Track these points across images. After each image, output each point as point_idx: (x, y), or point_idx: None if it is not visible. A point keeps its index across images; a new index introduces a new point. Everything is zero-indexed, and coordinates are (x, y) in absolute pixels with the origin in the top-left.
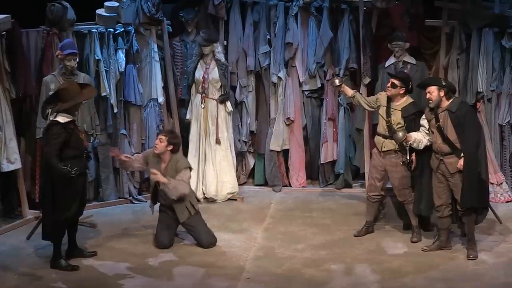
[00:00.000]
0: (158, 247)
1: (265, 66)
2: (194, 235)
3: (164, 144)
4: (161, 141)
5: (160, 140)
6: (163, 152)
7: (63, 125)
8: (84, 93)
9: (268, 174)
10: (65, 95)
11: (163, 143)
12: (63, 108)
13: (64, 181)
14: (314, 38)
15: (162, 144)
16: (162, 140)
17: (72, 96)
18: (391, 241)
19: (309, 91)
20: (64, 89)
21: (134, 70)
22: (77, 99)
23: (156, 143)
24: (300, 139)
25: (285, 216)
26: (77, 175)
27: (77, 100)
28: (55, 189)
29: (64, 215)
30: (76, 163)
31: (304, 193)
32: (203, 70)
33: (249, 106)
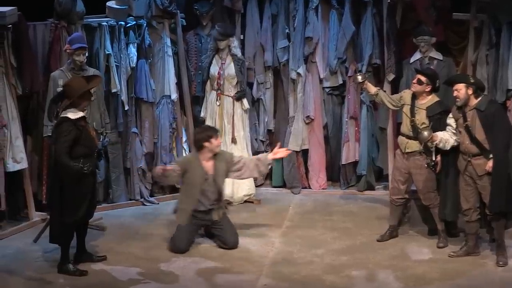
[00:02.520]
0: (174, 251)
1: (284, 61)
2: (220, 234)
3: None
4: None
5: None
6: None
7: (73, 121)
8: (90, 84)
9: (287, 175)
10: (70, 91)
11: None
12: (70, 103)
13: (73, 181)
14: (336, 32)
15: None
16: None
17: (78, 89)
18: (416, 246)
19: (330, 88)
20: (68, 85)
21: (146, 65)
22: (84, 89)
23: (218, 145)
24: (320, 138)
25: (304, 220)
26: (87, 175)
27: (84, 89)
28: (63, 190)
29: (73, 217)
30: (86, 162)
31: (324, 195)
32: (219, 65)
33: (267, 103)
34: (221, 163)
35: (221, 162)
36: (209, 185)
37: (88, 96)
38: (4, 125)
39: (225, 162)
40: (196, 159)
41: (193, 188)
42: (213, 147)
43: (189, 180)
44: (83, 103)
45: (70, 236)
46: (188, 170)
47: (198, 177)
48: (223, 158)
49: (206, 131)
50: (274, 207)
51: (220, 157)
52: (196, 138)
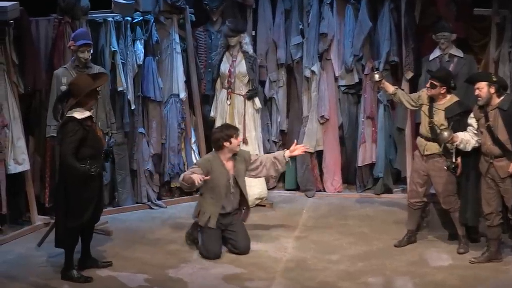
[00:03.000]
0: (208, 258)
1: (297, 59)
2: (232, 238)
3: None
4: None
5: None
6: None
7: (79, 121)
8: (96, 82)
9: (300, 177)
10: (76, 90)
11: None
12: (75, 102)
13: (80, 183)
14: (352, 29)
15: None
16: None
17: (84, 87)
18: (435, 252)
19: (345, 87)
20: (74, 83)
21: (154, 62)
22: (90, 87)
23: (239, 144)
24: (335, 139)
25: (318, 224)
26: (94, 177)
27: (91, 87)
28: (68, 192)
29: (78, 221)
30: (93, 163)
31: (340, 198)
32: (229, 63)
33: (280, 102)
34: (240, 163)
35: (240, 162)
36: (231, 186)
37: (95, 95)
38: (6, 125)
39: (244, 162)
40: (217, 158)
41: (218, 189)
42: (233, 146)
43: (213, 181)
44: (90, 102)
45: (74, 240)
46: (210, 171)
47: (222, 177)
48: (242, 158)
49: (226, 130)
50: (287, 210)
51: (239, 156)
52: (215, 138)
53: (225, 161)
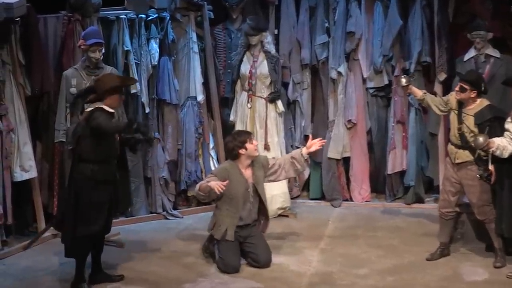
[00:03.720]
0: (228, 272)
1: (323, 59)
2: (252, 251)
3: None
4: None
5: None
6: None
7: (106, 112)
8: (122, 81)
9: (326, 186)
10: (99, 85)
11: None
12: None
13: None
14: (381, 27)
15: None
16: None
17: (108, 83)
18: (470, 266)
19: (374, 89)
20: (99, 79)
21: (169, 63)
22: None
23: (256, 146)
24: (363, 145)
25: (345, 236)
26: (105, 183)
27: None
28: (78, 197)
29: (88, 230)
30: (104, 168)
31: (368, 208)
32: (250, 63)
33: (304, 106)
34: (259, 170)
35: (259, 168)
36: (250, 195)
37: (117, 94)
38: (11, 129)
39: (262, 168)
40: (235, 167)
41: (236, 199)
42: (250, 152)
43: (230, 192)
44: (111, 100)
45: (85, 251)
46: (231, 180)
47: (240, 186)
48: (260, 164)
49: (238, 137)
50: (312, 221)
51: (257, 163)
52: (228, 148)
53: (243, 169)
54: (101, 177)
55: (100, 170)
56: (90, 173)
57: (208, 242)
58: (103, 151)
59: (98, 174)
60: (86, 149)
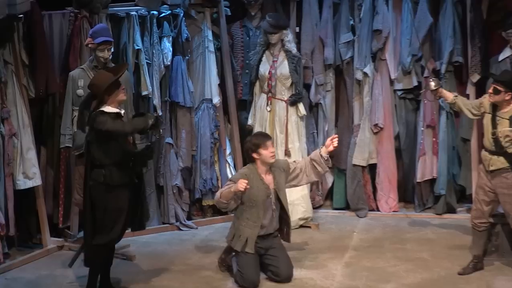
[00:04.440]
0: (246, 287)
1: (347, 59)
2: (272, 264)
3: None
4: (273, 147)
5: (272, 146)
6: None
7: (109, 114)
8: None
9: (351, 195)
10: (95, 88)
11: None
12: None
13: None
14: (409, 25)
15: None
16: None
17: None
18: (505, 280)
19: (402, 91)
20: (92, 83)
21: (183, 63)
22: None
23: (272, 151)
24: (390, 151)
25: (371, 248)
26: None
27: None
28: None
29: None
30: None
31: (396, 219)
32: (270, 63)
33: (327, 109)
34: (280, 175)
35: (280, 173)
36: (272, 202)
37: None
38: (14, 134)
39: (283, 172)
40: (254, 172)
41: (256, 207)
42: (264, 158)
43: (250, 199)
44: (113, 98)
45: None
46: (250, 187)
47: (261, 193)
48: (280, 169)
49: (254, 138)
50: (336, 233)
51: (277, 168)
52: (245, 148)
53: (263, 174)
54: (115, 182)
55: (113, 174)
56: (103, 178)
57: (225, 254)
58: (114, 155)
59: (112, 179)
60: (96, 154)
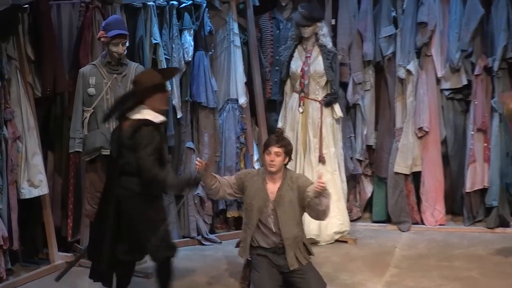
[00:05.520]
0: None
1: (389, 55)
2: (301, 284)
3: (281, 158)
4: (278, 155)
5: (276, 154)
6: (280, 169)
7: (156, 125)
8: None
9: (392, 206)
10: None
11: (280, 157)
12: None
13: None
14: (458, 17)
15: (279, 158)
16: (279, 154)
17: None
18: None
19: (450, 91)
20: (135, 80)
21: (206, 59)
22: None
23: (271, 160)
24: (437, 158)
25: (415, 266)
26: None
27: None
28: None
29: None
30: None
31: (442, 233)
32: (302, 60)
33: (366, 110)
34: (289, 191)
35: (290, 189)
36: (269, 214)
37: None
38: (18, 137)
39: (297, 191)
40: (261, 175)
41: (251, 212)
42: (264, 163)
43: (248, 200)
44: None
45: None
46: (245, 187)
47: (258, 199)
48: (296, 184)
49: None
50: (375, 248)
51: (292, 182)
52: None
53: (268, 180)
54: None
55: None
56: (136, 187)
57: (245, 269)
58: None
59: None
60: (130, 161)
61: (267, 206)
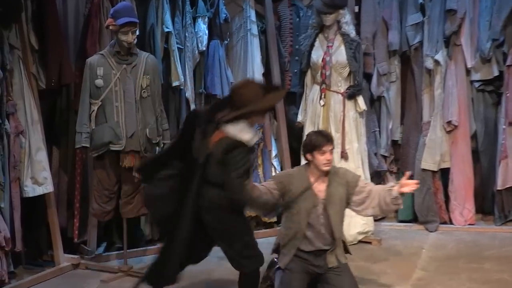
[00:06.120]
0: None
1: (416, 44)
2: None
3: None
4: (331, 153)
5: (331, 152)
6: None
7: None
8: (269, 97)
9: (419, 205)
10: (239, 99)
11: (332, 154)
12: (233, 116)
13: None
14: (489, 4)
15: (331, 156)
16: (332, 151)
17: (251, 99)
18: None
19: (480, 82)
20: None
21: (221, 48)
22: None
23: (328, 159)
24: (466, 153)
25: (443, 268)
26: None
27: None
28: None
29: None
30: None
31: (472, 233)
32: (324, 49)
33: (391, 103)
34: (338, 187)
35: (338, 185)
36: (319, 215)
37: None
38: (21, 131)
39: (346, 186)
40: (304, 174)
41: (298, 215)
42: (317, 163)
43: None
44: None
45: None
46: (288, 190)
47: (306, 201)
48: (343, 180)
49: (314, 137)
50: (401, 250)
51: (339, 177)
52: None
53: (314, 179)
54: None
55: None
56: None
57: (268, 270)
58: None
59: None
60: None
61: (316, 206)
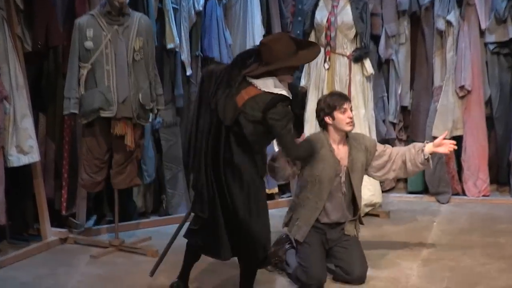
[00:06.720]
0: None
1: (426, 3)
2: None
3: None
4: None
5: (351, 110)
6: None
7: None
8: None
9: (429, 175)
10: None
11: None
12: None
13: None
14: None
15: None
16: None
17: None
18: None
19: (495, 45)
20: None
21: (219, 8)
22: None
23: (350, 116)
24: (480, 120)
25: (455, 242)
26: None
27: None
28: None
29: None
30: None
31: (486, 205)
32: (328, 9)
33: (400, 67)
34: (358, 153)
35: (359, 150)
36: (342, 184)
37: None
38: (5, 96)
39: (365, 152)
40: (324, 140)
41: (319, 185)
42: (340, 123)
43: (314, 172)
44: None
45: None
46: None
47: (328, 168)
48: (361, 145)
49: (329, 99)
50: (411, 223)
51: (358, 142)
52: (316, 110)
53: (335, 145)
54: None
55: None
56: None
57: (276, 245)
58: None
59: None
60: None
61: (339, 174)
